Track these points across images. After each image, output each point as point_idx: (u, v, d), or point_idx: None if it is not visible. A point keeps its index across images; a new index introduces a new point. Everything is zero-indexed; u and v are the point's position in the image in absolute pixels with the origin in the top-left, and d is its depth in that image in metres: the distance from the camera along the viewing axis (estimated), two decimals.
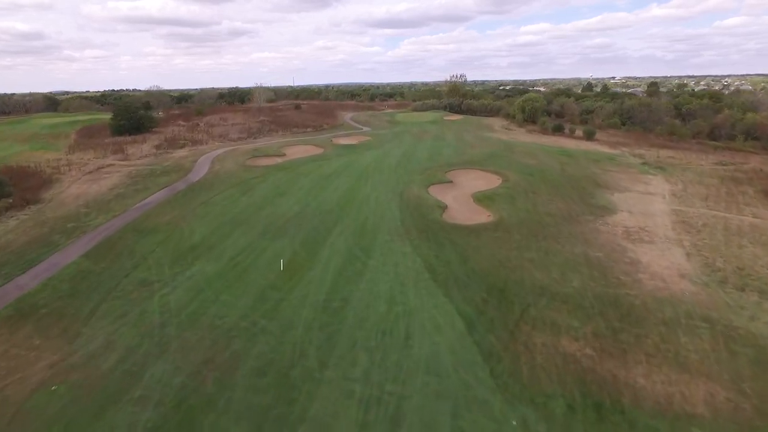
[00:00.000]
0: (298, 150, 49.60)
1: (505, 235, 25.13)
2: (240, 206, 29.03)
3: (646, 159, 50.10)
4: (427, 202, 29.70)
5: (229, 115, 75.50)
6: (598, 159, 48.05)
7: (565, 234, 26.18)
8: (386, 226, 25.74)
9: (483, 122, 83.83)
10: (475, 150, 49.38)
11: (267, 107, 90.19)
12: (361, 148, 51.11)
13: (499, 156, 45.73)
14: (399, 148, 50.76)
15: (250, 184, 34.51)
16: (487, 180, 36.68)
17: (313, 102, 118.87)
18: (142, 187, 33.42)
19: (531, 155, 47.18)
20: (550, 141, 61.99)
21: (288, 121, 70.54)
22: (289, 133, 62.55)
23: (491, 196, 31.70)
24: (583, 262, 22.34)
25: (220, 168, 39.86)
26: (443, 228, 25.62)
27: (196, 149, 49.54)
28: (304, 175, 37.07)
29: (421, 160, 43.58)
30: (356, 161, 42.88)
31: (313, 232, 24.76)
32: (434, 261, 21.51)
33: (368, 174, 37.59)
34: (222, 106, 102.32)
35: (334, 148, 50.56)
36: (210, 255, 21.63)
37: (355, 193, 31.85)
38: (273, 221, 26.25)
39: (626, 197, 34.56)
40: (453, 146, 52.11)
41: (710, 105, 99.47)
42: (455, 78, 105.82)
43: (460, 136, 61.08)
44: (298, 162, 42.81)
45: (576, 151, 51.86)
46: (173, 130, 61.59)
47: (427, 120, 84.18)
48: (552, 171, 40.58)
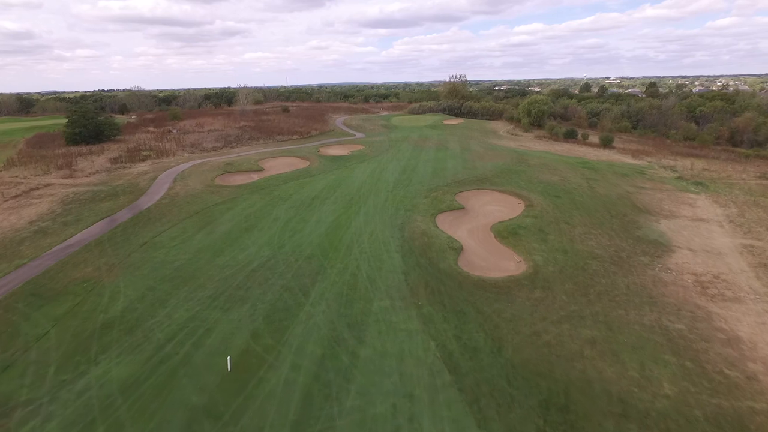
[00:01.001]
0: (280, 163, 42.66)
1: (547, 295, 18.48)
2: (192, 249, 22.10)
3: (679, 172, 43.79)
4: (437, 241, 22.98)
5: (208, 120, 68.33)
6: (626, 173, 41.64)
7: (623, 288, 19.61)
8: (385, 282, 18.98)
9: (486, 127, 77.30)
10: (485, 162, 42.75)
11: (252, 110, 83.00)
12: (353, 160, 44.29)
13: (514, 171, 39.13)
14: (397, 160, 44.00)
15: (213, 213, 27.57)
16: (507, 205, 30.05)
17: (303, 104, 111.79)
18: (74, 218, 26.38)
19: (550, 169, 40.64)
20: (564, 149, 55.59)
21: (272, 127, 63.55)
22: (272, 141, 55.57)
23: (516, 230, 25.05)
24: (664, 342, 15.74)
25: (181, 189, 32.86)
26: (462, 285, 18.91)
27: (160, 163, 42.45)
28: (282, 200, 30.18)
29: (423, 176, 36.85)
30: (347, 179, 36.05)
31: (285, 294, 17.93)
32: (455, 348, 14.80)
33: (361, 197, 30.79)
34: (204, 109, 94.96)
35: (321, 160, 43.70)
36: (127, 342, 14.72)
37: (343, 228, 25.03)
38: (231, 275, 19.36)
39: (677, 226, 28.11)
40: (459, 157, 45.47)
41: (725, 107, 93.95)
42: (455, 78, 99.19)
43: (465, 144, 54.46)
44: (276, 180, 35.90)
45: (598, 163, 45.44)
46: (140, 138, 54.36)
47: (426, 124, 77.53)
48: (580, 190, 34.05)
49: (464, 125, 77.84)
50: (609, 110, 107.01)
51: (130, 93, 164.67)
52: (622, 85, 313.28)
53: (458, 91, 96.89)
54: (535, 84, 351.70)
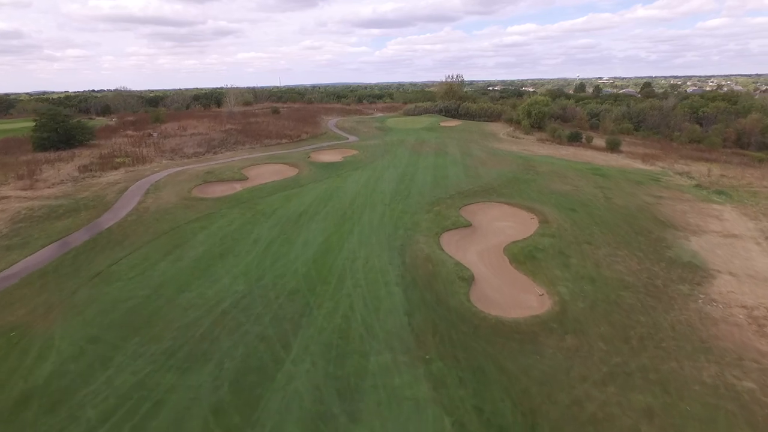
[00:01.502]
0: (266, 171, 39.08)
1: (581, 342, 15.17)
2: (153, 282, 18.54)
3: (696, 179, 40.84)
4: (444, 270, 19.60)
5: (192, 123, 64.48)
6: (640, 180, 38.59)
7: (668, 329, 16.38)
8: (384, 326, 15.57)
9: (485, 129, 74.19)
10: (489, 169, 39.48)
11: (240, 112, 79.17)
12: (346, 167, 40.83)
13: (522, 179, 35.89)
14: (394, 167, 40.59)
15: (185, 233, 23.98)
16: (519, 220, 26.76)
17: (294, 105, 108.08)
18: (21, 241, 22.66)
19: (560, 177, 37.47)
20: (570, 153, 52.54)
21: (260, 130, 59.88)
22: (259, 145, 51.91)
23: (533, 252, 21.76)
24: (736, 410, 12.49)
25: (153, 203, 29.21)
26: (478, 329, 15.55)
27: (135, 171, 38.71)
28: (265, 216, 26.65)
29: (423, 186, 33.48)
30: (339, 190, 32.58)
31: (260, 346, 14.45)
32: (477, 428, 11.43)
33: (354, 212, 27.35)
34: (190, 111, 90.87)
35: (311, 168, 40.18)
36: (45, 426, 11.17)
37: (334, 252, 21.57)
38: (196, 320, 15.84)
39: (709, 244, 24.99)
40: (460, 163, 42.16)
41: (727, 108, 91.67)
42: (451, 78, 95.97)
43: (466, 149, 51.18)
44: (261, 191, 32.35)
45: (609, 170, 42.37)
46: (116, 142, 50.46)
47: (423, 126, 74.23)
48: (596, 202, 30.88)
49: (462, 127, 74.67)
50: (609, 111, 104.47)
51: (117, 93, 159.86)
52: (615, 85, 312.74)
53: (455, 91, 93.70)
54: (529, 84, 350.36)
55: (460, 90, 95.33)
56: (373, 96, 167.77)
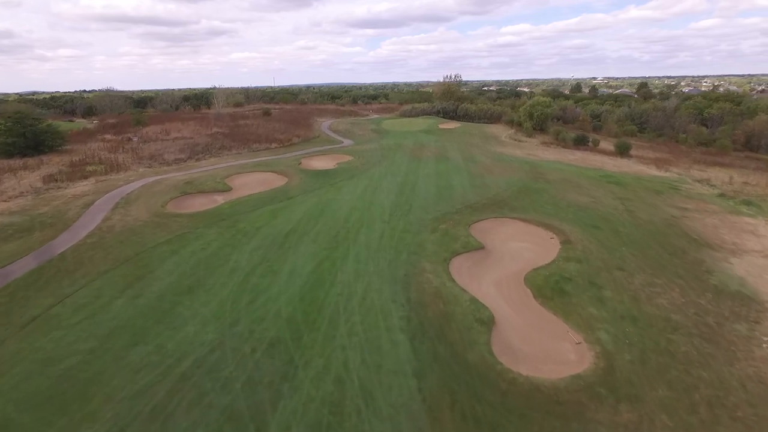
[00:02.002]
0: (252, 181, 35.58)
1: (640, 416, 11.89)
2: (102, 329, 15.05)
3: (718, 187, 37.88)
4: (458, 310, 16.29)
5: (176, 126, 60.73)
6: (659, 189, 35.53)
7: (737, 388, 13.19)
8: (387, 396, 12.22)
9: (486, 131, 71.08)
10: (496, 177, 36.24)
11: (229, 114, 75.45)
12: (340, 175, 37.43)
13: (533, 189, 32.69)
14: (392, 175, 37.25)
15: (150, 260, 20.49)
16: (537, 240, 23.51)
17: (286, 106, 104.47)
18: None
19: (574, 186, 34.33)
20: (579, 158, 49.49)
21: (249, 134, 56.30)
22: (246, 150, 48.36)
23: (559, 283, 18.52)
24: None
25: (119, 220, 25.66)
26: (506, 398, 12.25)
27: (106, 180, 35.07)
28: (247, 237, 23.19)
29: (426, 198, 30.16)
30: (332, 203, 29.19)
31: (226, 427, 11.05)
32: None
33: (349, 231, 23.96)
34: (176, 113, 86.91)
35: (302, 176, 36.73)
36: None
37: (325, 285, 18.19)
38: (147, 388, 12.39)
39: (754, 267, 21.88)
40: (464, 171, 38.90)
41: (733, 109, 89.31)
42: (449, 78, 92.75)
43: (468, 153, 47.96)
44: (245, 204, 28.89)
45: (623, 177, 39.29)
46: (91, 148, 46.67)
47: (421, 129, 70.99)
48: (618, 216, 27.73)
49: (461, 130, 71.52)
50: (610, 112, 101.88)
51: (104, 94, 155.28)
52: (610, 85, 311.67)
53: (453, 92, 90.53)
54: (524, 84, 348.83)
55: (458, 90, 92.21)
56: (368, 96, 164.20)
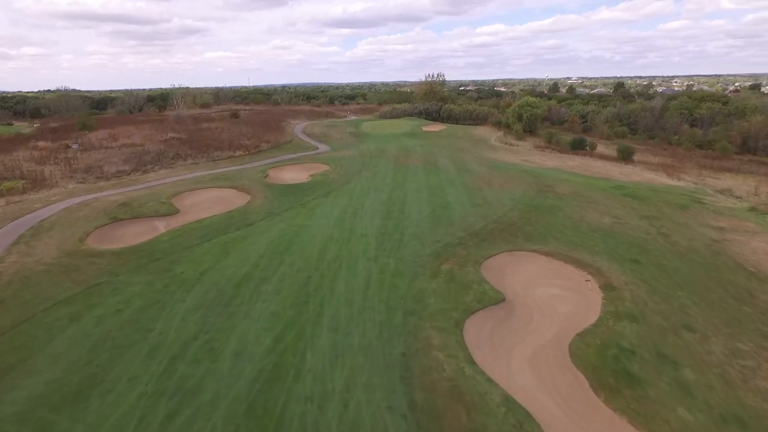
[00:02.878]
0: (205, 200, 29.28)
1: None
2: None
3: (744, 198, 33.77)
4: (490, 422, 10.73)
5: (128, 131, 53.34)
6: (682, 203, 30.99)
7: None
8: None
9: (473, 134, 66.19)
10: (496, 191, 31.01)
11: (191, 116, 68.18)
12: (313, 190, 31.49)
13: (544, 207, 27.56)
14: (376, 189, 31.55)
15: (34, 335, 14.17)
16: (569, 283, 18.22)
17: (258, 107, 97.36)
18: None
19: (588, 201, 29.41)
20: (579, 165, 44.93)
21: (211, 139, 49.57)
22: (206, 159, 41.78)
23: (619, 359, 13.19)
24: None
25: (16, 262, 19.09)
26: None
27: (21, 202, 28.13)
28: (184, 288, 17.06)
29: (420, 222, 24.58)
30: (302, 231, 23.27)
31: None
32: None
33: (324, 277, 18.12)
34: (132, 115, 78.74)
35: (268, 192, 30.62)
36: None
37: (287, 382, 12.31)
38: None
39: None
40: (458, 183, 33.55)
41: (722, 109, 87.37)
42: (432, 77, 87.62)
43: (460, 160, 42.71)
44: (190, 236, 22.66)
45: (636, 188, 34.72)
46: (17, 158, 39.20)
47: (403, 131, 65.54)
48: (655, 244, 22.79)
49: (448, 132, 66.43)
50: (597, 113, 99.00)
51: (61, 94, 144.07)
52: (585, 85, 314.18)
53: (436, 92, 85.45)
54: (500, 84, 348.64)
55: (441, 90, 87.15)
56: (346, 97, 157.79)
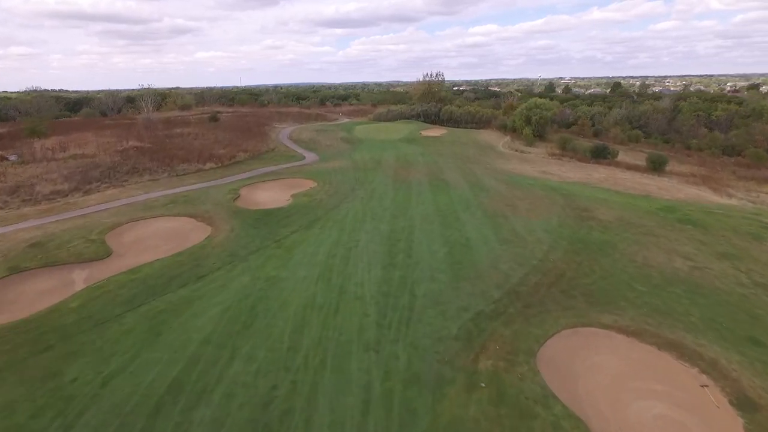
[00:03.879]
0: (150, 234, 22.49)
1: None
2: None
3: None
4: None
5: (84, 138, 46.19)
6: (753, 232, 24.74)
7: None
8: None
9: (478, 139, 59.91)
10: (526, 218, 24.62)
11: (163, 120, 61.10)
12: (293, 219, 24.85)
13: (591, 243, 21.20)
14: (374, 217, 24.99)
15: None
16: (678, 395, 11.81)
17: (242, 109, 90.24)
18: None
19: (642, 231, 23.10)
20: (607, 178, 38.71)
21: (181, 147, 42.68)
22: (168, 174, 34.92)
23: None
24: None
25: None
26: None
27: None
28: (66, 416, 10.41)
29: (434, 274, 18.03)
30: (272, 289, 16.65)
31: None
32: None
33: (296, 390, 11.52)
34: (94, 120, 71.09)
35: (234, 223, 23.92)
36: None
37: None
38: None
39: None
40: (475, 205, 27.11)
41: (738, 111, 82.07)
42: (430, 77, 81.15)
43: (470, 173, 36.31)
44: (111, 297, 15.94)
45: (687, 209, 28.50)
46: None
47: (401, 137, 59.06)
48: (759, 302, 16.54)
49: (450, 138, 60.05)
50: (603, 114, 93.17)
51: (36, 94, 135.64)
52: (579, 85, 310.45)
53: (434, 93, 79.06)
54: (493, 84, 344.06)
55: (440, 91, 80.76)
56: (338, 97, 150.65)
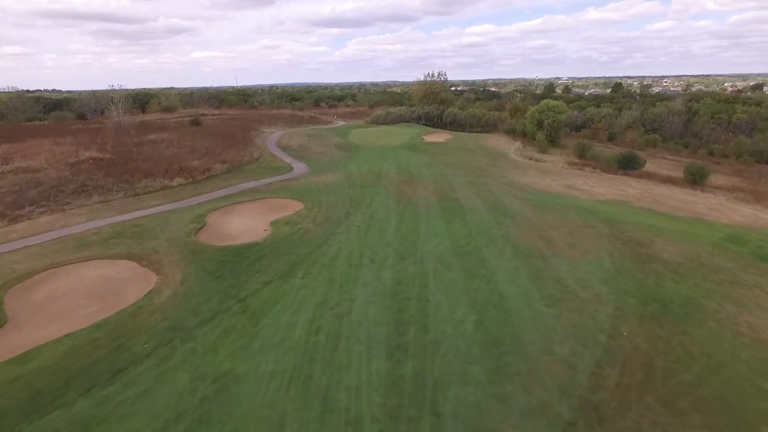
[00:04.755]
0: (72, 288, 16.58)
1: None
2: None
3: None
4: None
5: (37, 146, 40.12)
6: None
7: None
8: None
9: (487, 146, 54.22)
10: (573, 263, 18.92)
11: (139, 123, 55.11)
12: (268, 261, 18.98)
13: (672, 304, 15.52)
14: (372, 260, 19.17)
15: None
16: None
17: (230, 112, 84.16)
18: None
19: (724, 278, 17.44)
20: (645, 195, 33.04)
21: (149, 158, 36.73)
22: (124, 193, 28.95)
23: None
24: None
25: None
26: None
27: None
28: None
29: (464, 370, 12.32)
30: (220, 400, 10.84)
31: None
32: None
33: None
34: (56, 125, 64.75)
35: (189, 268, 18.03)
36: None
37: None
38: None
39: None
40: (502, 238, 21.38)
41: (760, 113, 76.83)
42: (431, 77, 75.36)
43: (486, 191, 30.60)
44: None
45: (756, 239, 22.91)
46: None
47: (401, 143, 53.30)
48: None
49: (455, 143, 54.35)
50: (614, 116, 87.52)
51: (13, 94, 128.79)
52: (577, 85, 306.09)
53: (436, 94, 73.34)
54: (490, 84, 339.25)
55: (443, 92, 75.01)
56: (334, 98, 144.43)
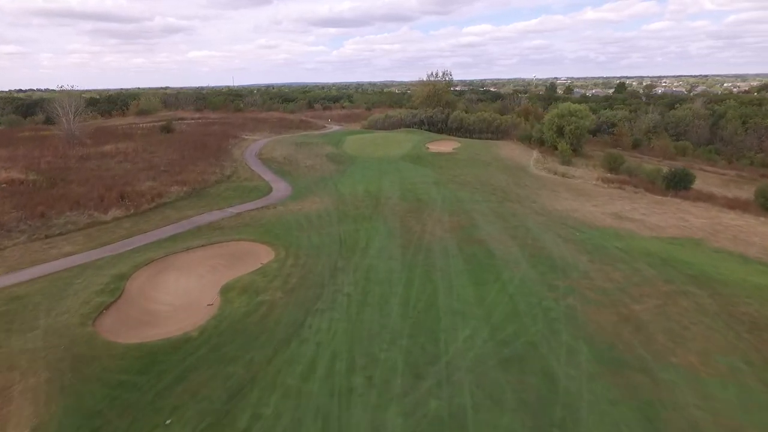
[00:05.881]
0: None
1: None
2: None
3: None
4: None
5: None
6: None
7: None
8: None
9: (501, 156, 46.95)
10: (694, 380, 11.80)
11: (93, 131, 47.56)
12: (194, 388, 11.56)
13: None
14: (369, 382, 11.78)
15: None
16: None
17: (212, 115, 76.60)
18: None
19: None
20: (718, 229, 25.59)
21: (82, 182, 29.28)
22: (31, 233, 21.51)
23: None
24: None
25: None
26: None
27: None
28: None
29: None
30: None
31: None
32: None
33: None
34: (9, 131, 56.90)
35: (59, 405, 10.65)
36: None
37: None
38: None
39: None
40: (568, 324, 14.15)
41: None
42: (435, 77, 68.08)
43: (520, 227, 23.34)
44: None
45: None
46: None
47: (403, 153, 46.01)
48: None
49: (465, 153, 47.08)
50: (630, 119, 79.89)
51: None
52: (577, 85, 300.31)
53: (441, 96, 66.11)
54: (488, 84, 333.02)
55: (448, 94, 67.75)
56: (330, 99, 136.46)
